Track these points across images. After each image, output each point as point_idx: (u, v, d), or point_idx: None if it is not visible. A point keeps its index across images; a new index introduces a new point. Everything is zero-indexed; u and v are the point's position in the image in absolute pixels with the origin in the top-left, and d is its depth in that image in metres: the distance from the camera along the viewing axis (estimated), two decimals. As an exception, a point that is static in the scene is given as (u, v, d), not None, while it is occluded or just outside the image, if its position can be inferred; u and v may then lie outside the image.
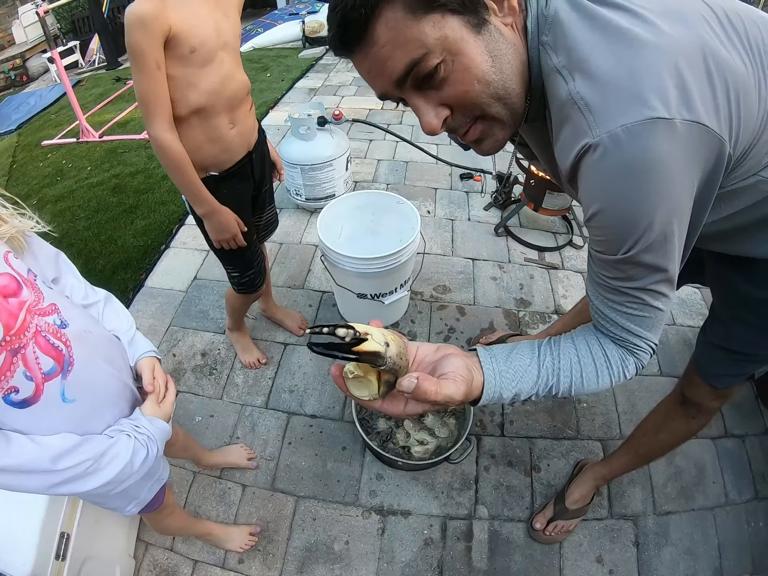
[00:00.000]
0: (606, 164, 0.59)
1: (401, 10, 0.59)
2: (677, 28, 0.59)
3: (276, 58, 5.60)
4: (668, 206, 0.61)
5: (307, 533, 1.60)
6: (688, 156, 0.58)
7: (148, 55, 1.17)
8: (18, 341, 0.69)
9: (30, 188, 3.73)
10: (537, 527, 1.56)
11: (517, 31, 0.66)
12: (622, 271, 0.69)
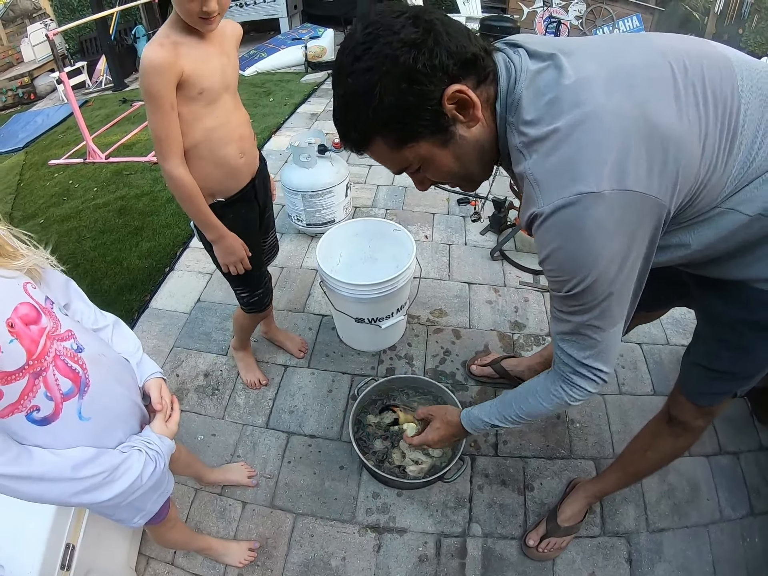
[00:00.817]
0: (548, 228, 0.76)
1: (384, 144, 0.81)
2: (620, 98, 0.72)
3: (279, 83, 5.68)
4: (602, 257, 0.76)
5: (305, 549, 1.64)
6: (620, 217, 0.72)
7: (164, 98, 1.26)
8: (39, 365, 0.75)
9: (37, 207, 3.77)
10: (530, 544, 1.57)
11: (485, 118, 0.81)
12: (568, 305, 0.87)
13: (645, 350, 2.21)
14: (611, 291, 0.80)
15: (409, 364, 2.22)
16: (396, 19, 0.73)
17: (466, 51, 0.74)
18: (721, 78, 0.76)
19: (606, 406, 1.99)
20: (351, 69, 0.75)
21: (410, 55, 0.70)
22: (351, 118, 0.80)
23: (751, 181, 0.79)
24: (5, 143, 5.48)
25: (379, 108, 0.75)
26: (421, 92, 0.73)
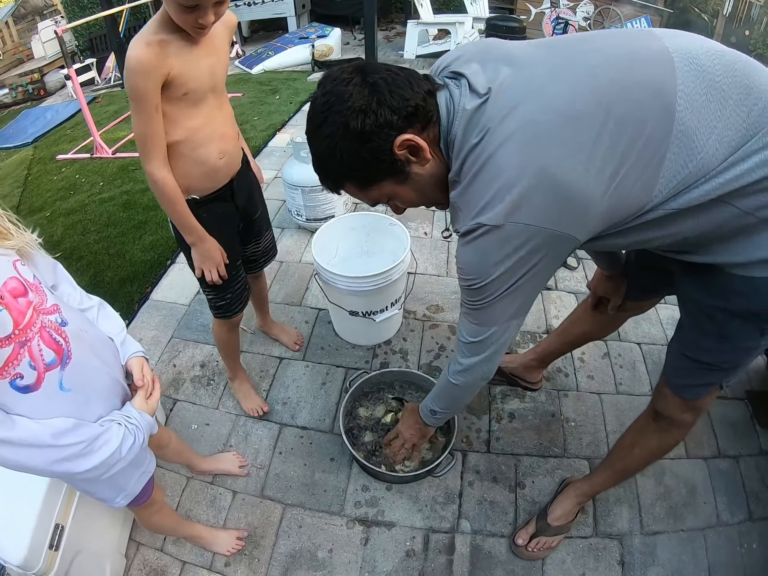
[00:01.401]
0: (463, 244, 0.94)
1: (354, 187, 0.97)
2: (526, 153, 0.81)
3: (285, 81, 5.72)
4: (488, 273, 0.91)
5: (293, 540, 1.64)
6: (509, 244, 0.86)
7: (149, 99, 1.23)
8: (25, 335, 0.80)
9: (44, 201, 3.82)
10: (519, 543, 1.56)
11: (436, 156, 0.94)
12: (463, 294, 1.04)
13: (644, 350, 2.19)
14: (496, 297, 0.95)
15: (404, 358, 2.21)
16: (346, 87, 0.84)
17: (408, 104, 0.85)
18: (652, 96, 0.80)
19: (602, 405, 1.98)
20: (315, 135, 0.90)
21: (358, 120, 0.83)
22: (323, 171, 0.96)
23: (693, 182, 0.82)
24: (15, 138, 5.55)
25: (341, 164, 0.90)
26: (373, 148, 0.86)
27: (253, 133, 4.38)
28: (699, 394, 1.16)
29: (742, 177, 0.81)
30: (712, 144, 0.80)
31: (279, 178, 3.58)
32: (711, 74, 0.81)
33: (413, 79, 0.88)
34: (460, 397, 1.30)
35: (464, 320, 1.08)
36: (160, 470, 1.83)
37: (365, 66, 0.88)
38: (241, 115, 4.80)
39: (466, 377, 1.17)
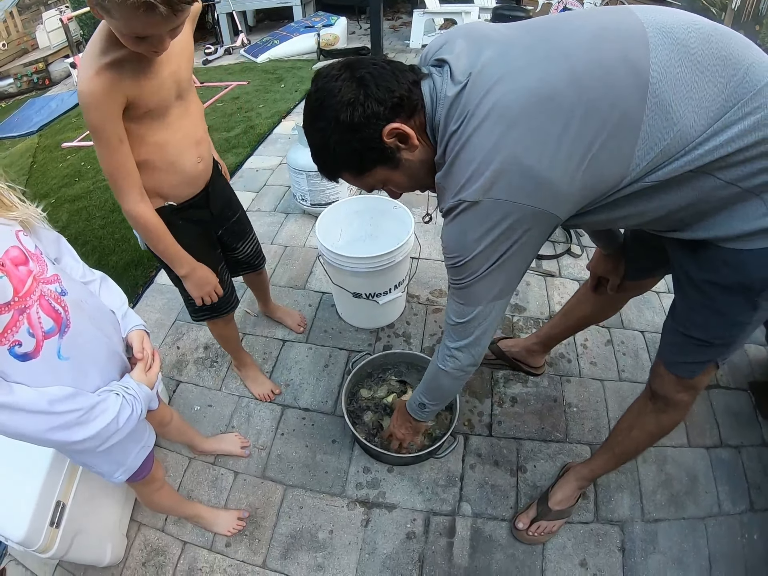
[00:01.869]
0: (445, 222, 0.99)
1: (349, 175, 1.03)
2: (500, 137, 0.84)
3: (290, 70, 5.71)
4: (470, 249, 0.94)
5: (294, 521, 1.64)
6: (488, 219, 0.90)
7: (109, 131, 1.13)
8: (24, 302, 0.80)
9: (49, 188, 3.84)
10: (519, 527, 1.56)
11: (424, 142, 0.98)
12: (449, 274, 1.06)
13: (647, 338, 2.18)
14: (479, 275, 0.98)
15: (407, 342, 2.21)
16: (335, 82, 0.90)
17: (394, 95, 0.90)
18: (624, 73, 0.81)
19: (605, 391, 1.97)
20: (310, 129, 0.97)
21: (348, 113, 0.89)
22: (319, 162, 1.02)
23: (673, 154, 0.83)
24: (20, 127, 5.54)
25: (336, 155, 0.96)
26: (363, 137, 0.92)
27: (258, 120, 4.37)
28: (693, 372, 1.16)
29: (721, 147, 0.82)
30: (689, 115, 0.81)
31: (284, 164, 3.60)
32: (686, 46, 0.81)
33: (398, 71, 0.93)
34: (449, 386, 1.30)
35: (450, 301, 1.12)
36: (162, 450, 1.84)
37: (354, 62, 0.93)
38: (247, 102, 4.80)
39: (455, 362, 1.19)
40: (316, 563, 1.55)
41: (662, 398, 1.25)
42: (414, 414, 1.47)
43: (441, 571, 1.53)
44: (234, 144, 3.97)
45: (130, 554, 1.59)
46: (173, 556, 1.58)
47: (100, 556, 1.48)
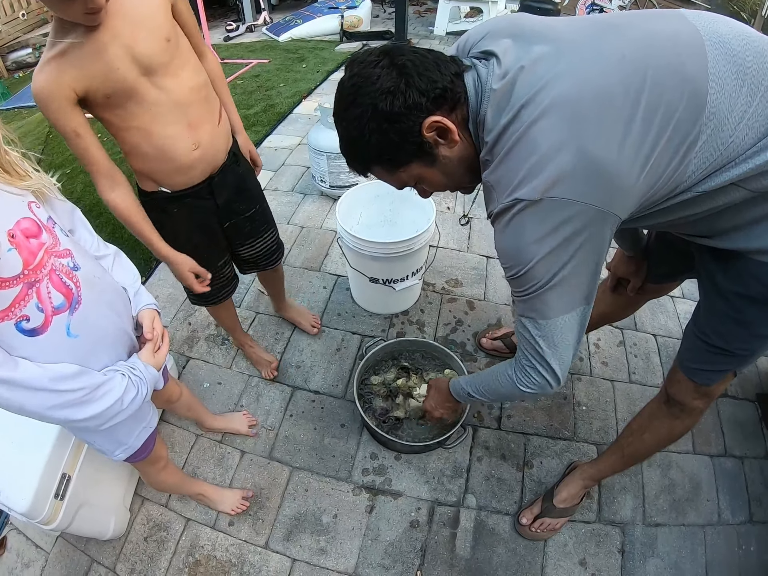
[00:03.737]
0: (497, 223, 0.91)
1: (382, 170, 0.96)
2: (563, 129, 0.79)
3: (313, 50, 5.65)
4: (532, 253, 0.86)
5: (298, 503, 1.65)
6: (550, 220, 0.82)
7: (65, 126, 1.10)
8: (34, 275, 0.78)
9: (64, 158, 3.80)
10: (523, 522, 1.57)
11: (464, 138, 0.92)
12: (515, 288, 0.97)
13: (659, 342, 2.16)
14: (549, 278, 0.89)
15: (420, 330, 2.21)
16: (373, 69, 0.84)
17: (436, 86, 0.85)
18: (683, 77, 0.78)
19: (614, 392, 1.96)
20: (344, 116, 0.90)
21: (387, 101, 0.83)
22: (351, 153, 0.96)
23: (722, 165, 0.81)
24: (37, 97, 5.55)
25: (370, 146, 0.89)
26: (401, 129, 0.86)
27: (278, 99, 4.34)
28: (711, 380, 1.14)
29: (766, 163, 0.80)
30: (742, 129, 0.79)
31: (303, 144, 3.58)
32: (742, 59, 0.78)
33: (441, 61, 0.88)
34: (515, 396, 1.19)
35: (521, 320, 1.01)
36: (170, 426, 1.85)
37: (392, 48, 0.88)
38: (267, 81, 4.76)
39: (531, 381, 1.06)
40: (318, 547, 1.56)
41: (678, 404, 1.24)
42: (458, 397, 1.39)
43: (443, 562, 1.53)
44: (253, 122, 3.94)
45: (132, 528, 1.61)
46: (175, 532, 1.59)
47: (103, 530, 1.49)
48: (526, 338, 1.01)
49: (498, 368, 1.19)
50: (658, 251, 1.40)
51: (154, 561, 1.54)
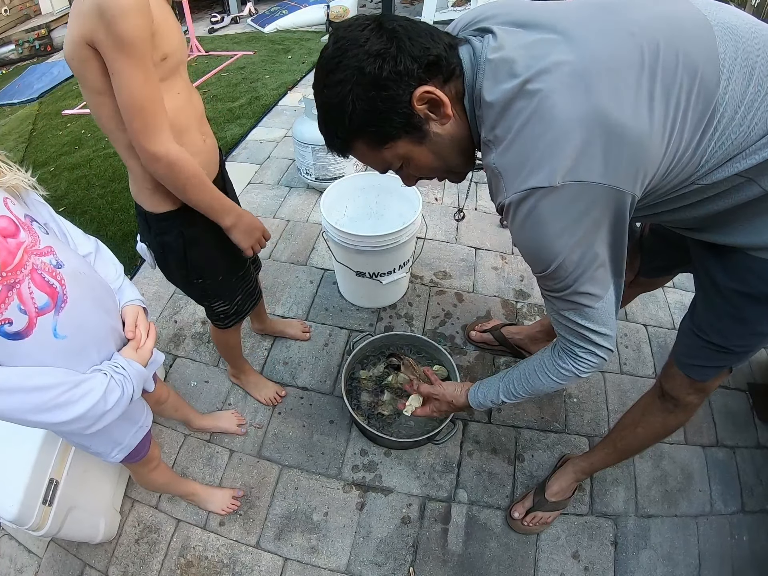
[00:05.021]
0: (512, 217, 0.82)
1: (364, 146, 0.88)
2: (576, 95, 0.73)
3: (298, 41, 5.61)
4: (560, 245, 0.80)
5: (288, 502, 1.63)
6: (573, 207, 0.76)
7: (147, 48, 0.94)
8: (14, 277, 0.74)
9: (48, 156, 3.76)
10: (515, 516, 1.56)
11: (457, 116, 0.86)
12: (546, 284, 0.92)
13: (650, 332, 2.16)
14: (581, 270, 0.84)
15: (409, 323, 2.19)
16: (361, 32, 0.77)
17: (429, 53, 0.78)
18: (696, 56, 0.74)
19: (605, 384, 1.96)
20: (325, 82, 0.81)
21: (375, 65, 0.76)
22: (331, 126, 0.87)
23: (731, 157, 0.78)
24: (21, 94, 5.44)
25: (354, 115, 0.81)
26: (390, 97, 0.78)
27: (264, 91, 4.29)
28: (707, 376, 1.12)
29: None
30: (752, 118, 0.75)
31: (289, 136, 3.54)
32: (750, 46, 0.75)
33: (434, 30, 0.81)
34: (558, 388, 1.13)
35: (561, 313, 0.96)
36: (157, 426, 1.82)
37: (382, 16, 0.81)
38: (252, 73, 4.71)
39: (599, 367, 1.03)
40: (310, 545, 1.54)
41: (672, 399, 1.22)
42: (479, 408, 1.29)
43: (435, 557, 1.52)
44: (238, 114, 3.90)
45: (123, 531, 1.59)
46: (167, 533, 1.58)
47: (93, 533, 1.47)
48: (572, 328, 0.96)
49: (536, 365, 1.12)
50: (653, 246, 1.38)
51: (146, 563, 1.52)
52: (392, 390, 1.81)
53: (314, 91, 0.86)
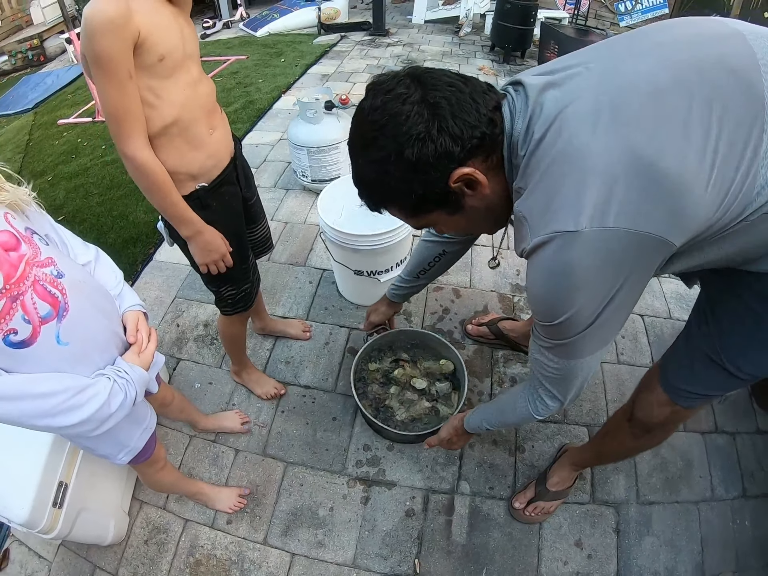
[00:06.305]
0: (532, 261, 0.78)
1: (398, 212, 0.87)
2: (608, 136, 0.68)
3: (291, 44, 5.63)
4: (576, 299, 0.75)
5: (294, 498, 1.65)
6: (599, 255, 0.70)
7: (120, 63, 1.02)
8: (17, 289, 0.77)
9: (45, 165, 3.79)
10: (517, 506, 1.58)
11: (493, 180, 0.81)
12: (540, 330, 0.89)
13: (647, 322, 2.18)
14: (583, 331, 0.80)
15: (408, 320, 2.21)
16: (402, 106, 0.73)
17: (473, 134, 0.74)
18: (740, 72, 0.69)
19: (603, 374, 1.98)
20: (361, 155, 0.80)
21: (415, 149, 0.73)
22: (365, 194, 0.86)
23: None
24: (15, 105, 5.45)
25: (388, 192, 0.81)
26: (427, 180, 0.76)
27: (257, 95, 4.32)
28: (695, 403, 1.05)
29: None
30: None
31: (284, 139, 3.56)
32: None
33: (478, 95, 0.76)
34: (522, 424, 1.20)
35: (542, 354, 0.93)
36: (163, 428, 1.84)
37: (423, 77, 0.76)
38: (246, 77, 4.74)
39: (547, 410, 1.04)
40: (316, 540, 1.56)
41: (643, 425, 1.17)
42: (472, 431, 1.35)
43: (440, 549, 1.54)
44: (233, 119, 3.92)
45: (132, 532, 1.60)
46: (175, 533, 1.59)
47: (103, 535, 1.49)
48: (545, 370, 0.95)
49: (512, 399, 1.15)
50: None
51: (156, 563, 1.54)
52: (399, 384, 1.83)
53: (350, 155, 0.84)
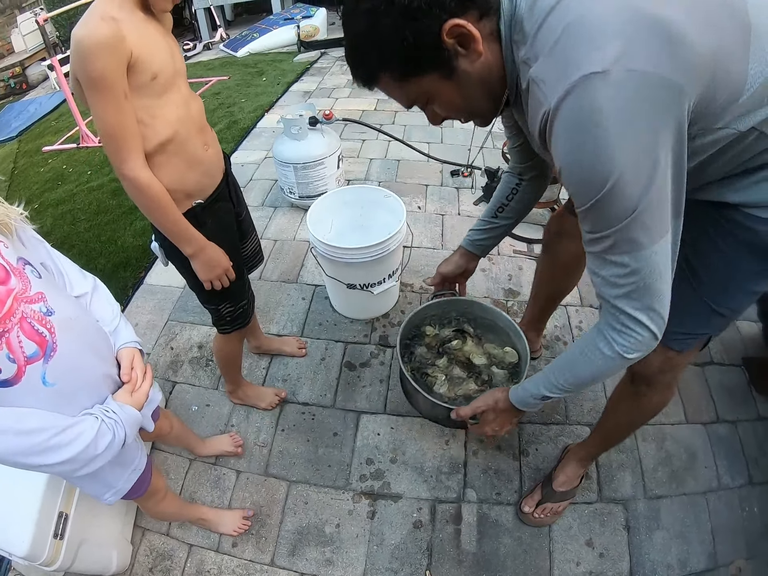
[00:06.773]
0: (560, 124, 0.70)
1: (390, 79, 0.83)
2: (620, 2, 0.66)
3: (271, 63, 5.67)
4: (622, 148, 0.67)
5: (299, 517, 1.63)
6: (633, 100, 0.65)
7: (115, 83, 1.02)
8: (3, 326, 0.73)
9: (31, 193, 3.78)
10: (525, 510, 1.57)
11: (490, 51, 0.79)
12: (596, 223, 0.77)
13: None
14: (638, 204, 0.71)
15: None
16: None
17: None
18: None
19: (603, 372, 1.97)
20: (353, 13, 0.79)
21: None
22: (357, 56, 0.84)
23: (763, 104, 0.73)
24: (-1, 133, 5.47)
25: (380, 46, 0.78)
26: (419, 28, 0.74)
27: (240, 115, 4.34)
28: (688, 345, 1.07)
29: None
30: None
31: (269, 158, 3.57)
32: None
33: None
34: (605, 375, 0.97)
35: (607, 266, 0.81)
36: (163, 453, 1.82)
37: None
38: (228, 98, 4.76)
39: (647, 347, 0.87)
40: (324, 558, 1.54)
41: (644, 379, 1.18)
42: (525, 407, 1.17)
43: (450, 558, 1.53)
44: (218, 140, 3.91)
45: (136, 561, 1.57)
46: (180, 559, 1.57)
47: (106, 565, 1.46)
48: (618, 284, 0.81)
49: (580, 348, 0.97)
50: None
51: (162, 591, 1.51)
52: (452, 358, 1.67)
53: (342, 21, 0.83)
